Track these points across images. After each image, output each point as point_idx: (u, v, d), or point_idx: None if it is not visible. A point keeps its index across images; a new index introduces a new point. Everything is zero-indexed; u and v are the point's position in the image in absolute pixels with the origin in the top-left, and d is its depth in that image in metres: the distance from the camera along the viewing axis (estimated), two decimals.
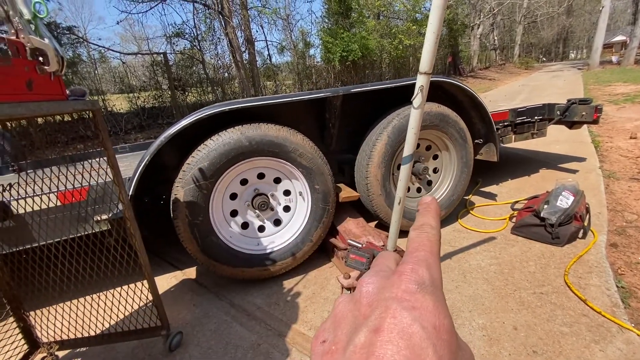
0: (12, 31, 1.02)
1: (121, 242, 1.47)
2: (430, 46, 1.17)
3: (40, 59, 1.05)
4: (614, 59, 25.05)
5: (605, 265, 1.95)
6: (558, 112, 3.20)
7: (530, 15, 33.69)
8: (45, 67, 1.04)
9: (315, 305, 1.85)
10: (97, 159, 1.36)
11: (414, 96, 1.29)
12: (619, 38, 36.61)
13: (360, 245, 1.88)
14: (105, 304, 1.62)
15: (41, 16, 1.04)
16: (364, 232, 2.16)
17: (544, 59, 54.33)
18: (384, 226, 2.44)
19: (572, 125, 3.41)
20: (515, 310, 1.66)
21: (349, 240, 1.97)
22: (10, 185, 1.40)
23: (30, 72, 1.00)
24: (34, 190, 1.51)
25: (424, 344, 0.18)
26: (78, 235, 1.70)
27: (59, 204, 1.69)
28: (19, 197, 1.62)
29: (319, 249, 2.20)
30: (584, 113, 3.08)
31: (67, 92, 1.19)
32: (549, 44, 54.75)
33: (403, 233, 2.35)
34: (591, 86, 12.01)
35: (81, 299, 1.73)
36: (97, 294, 1.74)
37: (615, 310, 1.60)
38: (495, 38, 32.45)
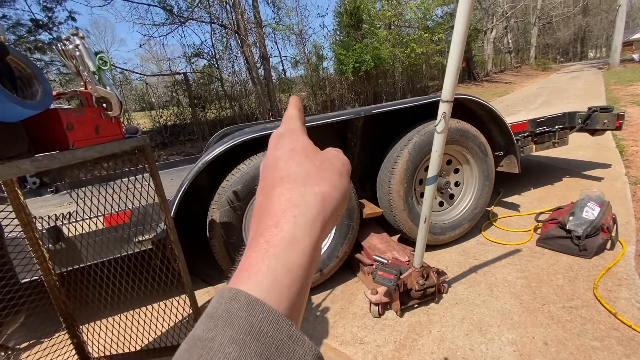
0: (82, 83, 1.17)
1: (166, 263, 1.60)
2: (451, 77, 1.26)
3: (104, 105, 1.19)
4: (636, 57, 24.23)
5: (635, 277, 1.93)
6: (579, 121, 3.18)
7: (545, 17, 33.15)
8: (109, 113, 1.18)
9: (345, 320, 1.91)
10: (134, 178, 1.48)
11: (437, 122, 1.37)
12: (639, 35, 35.39)
13: (386, 262, 1.95)
14: (150, 320, 1.75)
15: (104, 68, 1.19)
16: (389, 248, 2.21)
17: (562, 59, 53.01)
18: (406, 240, 2.49)
19: (594, 132, 3.37)
20: (545, 324, 1.68)
21: (374, 257, 2.04)
22: (70, 213, 1.55)
23: (97, 119, 1.15)
24: (82, 215, 1.66)
25: (283, 159, 0.27)
26: (122, 254, 1.85)
27: (104, 226, 1.85)
28: (69, 221, 1.78)
29: (344, 265, 2.27)
30: (605, 121, 3.06)
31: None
32: (566, 44, 53.45)
33: (426, 247, 2.39)
34: (612, 86, 11.66)
35: (128, 314, 1.87)
36: (142, 308, 1.87)
37: None
38: (510, 41, 32.01)
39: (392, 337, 1.72)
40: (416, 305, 1.92)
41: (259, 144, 1.98)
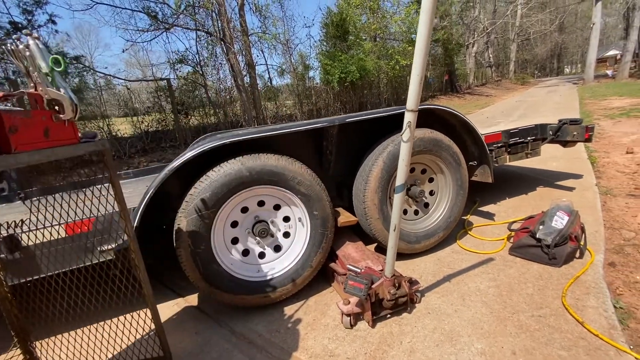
0: (32, 84, 1.11)
1: (126, 273, 1.52)
2: (415, 87, 1.27)
3: (56, 107, 1.14)
4: (609, 72, 25.51)
5: (603, 286, 1.97)
6: (550, 132, 3.28)
7: (523, 33, 34.63)
8: (61, 116, 1.13)
9: (316, 332, 1.86)
10: (102, 186, 1.42)
11: (402, 131, 1.37)
12: (612, 52, 37.39)
13: (358, 271, 1.92)
14: (108, 334, 1.65)
15: (58, 69, 1.14)
16: (363, 257, 2.19)
17: (539, 74, 55.32)
18: (382, 249, 2.48)
19: (565, 144, 3.48)
20: (514, 334, 1.68)
21: (348, 266, 2.01)
22: (22, 221, 1.46)
23: (47, 121, 1.09)
24: (43, 223, 1.58)
25: None
26: (82, 265, 1.75)
27: (65, 235, 1.76)
28: (28, 230, 1.68)
29: (318, 275, 2.23)
30: (575, 133, 3.16)
31: (79, 135, 1.28)
32: (543, 60, 55.88)
33: (401, 255, 2.37)
34: (587, 100, 12.20)
35: (85, 329, 1.77)
36: (101, 323, 1.78)
37: (613, 333, 1.61)
38: (490, 55, 33.22)
39: (362, 349, 1.69)
40: (388, 316, 1.90)
41: (231, 151, 1.95)
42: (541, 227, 2.31)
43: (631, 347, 1.52)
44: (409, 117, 1.29)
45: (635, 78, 20.06)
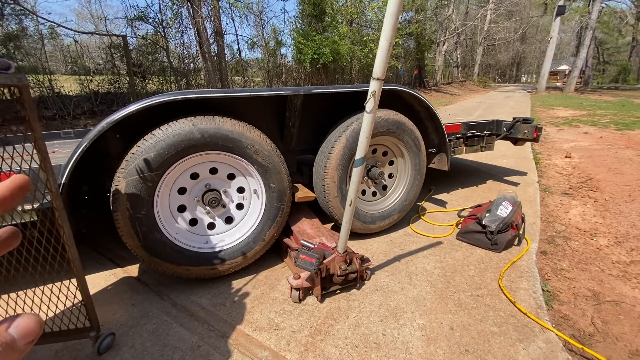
0: None
1: (46, 235, 1.34)
2: (383, 53, 1.21)
3: None
4: (560, 85, 27.74)
5: (534, 271, 2.13)
6: (504, 129, 3.46)
7: (490, 39, 36.34)
8: None
9: (263, 305, 1.81)
10: (31, 144, 1.23)
11: (366, 100, 1.32)
12: (563, 67, 40.70)
13: (312, 246, 1.88)
14: (24, 302, 1.46)
15: None
16: (318, 233, 2.16)
17: (500, 80, 58.83)
18: (339, 228, 2.47)
19: (516, 141, 3.69)
20: (453, 311, 1.75)
21: (301, 241, 1.97)
22: None
23: None
24: None
25: None
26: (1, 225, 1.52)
27: None
28: None
29: (272, 249, 2.17)
30: (526, 131, 3.36)
31: None
32: (504, 67, 59.38)
33: (355, 235, 2.38)
34: (537, 108, 13.17)
35: (7, 296, 1.55)
36: (17, 293, 1.57)
37: (539, 312, 1.74)
38: (458, 56, 34.52)
39: (308, 323, 1.67)
40: (338, 291, 1.90)
41: (182, 110, 1.78)
42: (487, 214, 2.43)
43: (553, 325, 1.67)
44: (374, 86, 1.23)
45: (580, 93, 22.05)
